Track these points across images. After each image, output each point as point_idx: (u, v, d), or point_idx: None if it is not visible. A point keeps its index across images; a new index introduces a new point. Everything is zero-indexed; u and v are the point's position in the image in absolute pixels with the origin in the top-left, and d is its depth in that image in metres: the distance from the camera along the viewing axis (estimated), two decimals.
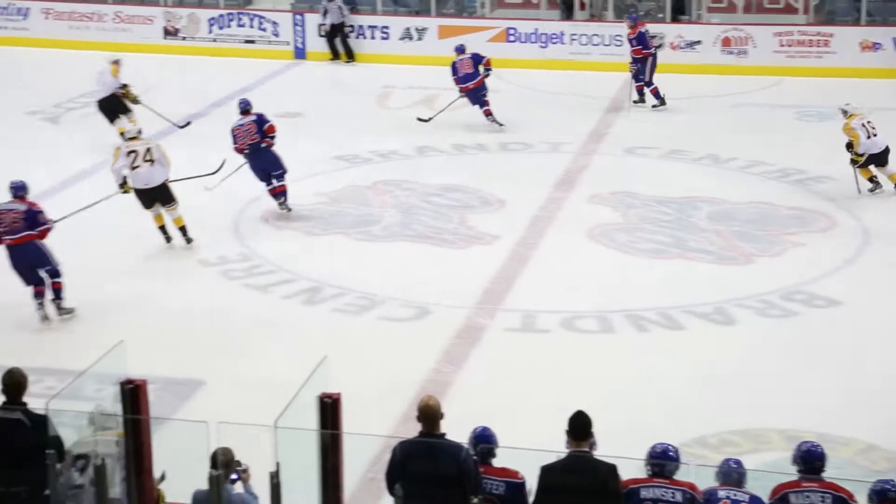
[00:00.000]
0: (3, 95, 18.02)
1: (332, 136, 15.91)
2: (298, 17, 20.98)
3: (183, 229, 11.90)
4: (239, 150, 12.71)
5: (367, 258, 11.90)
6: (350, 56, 20.48)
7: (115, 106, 15.39)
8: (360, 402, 6.33)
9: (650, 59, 17.10)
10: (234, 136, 12.69)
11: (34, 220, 10.08)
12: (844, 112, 13.39)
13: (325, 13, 20.32)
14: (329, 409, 5.27)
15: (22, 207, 10.09)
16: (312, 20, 20.69)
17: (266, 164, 12.66)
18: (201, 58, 20.72)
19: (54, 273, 10.19)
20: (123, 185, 11.75)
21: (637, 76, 17.24)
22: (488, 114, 16.11)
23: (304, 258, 11.75)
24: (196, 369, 9.18)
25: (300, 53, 20.94)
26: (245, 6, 21.63)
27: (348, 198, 13.57)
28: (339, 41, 20.48)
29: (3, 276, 10.21)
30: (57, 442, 5.64)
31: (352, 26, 20.60)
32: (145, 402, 5.53)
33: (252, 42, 20.89)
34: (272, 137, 12.67)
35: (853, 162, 13.21)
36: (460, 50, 16.33)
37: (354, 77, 19.68)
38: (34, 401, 6.01)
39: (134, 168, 11.66)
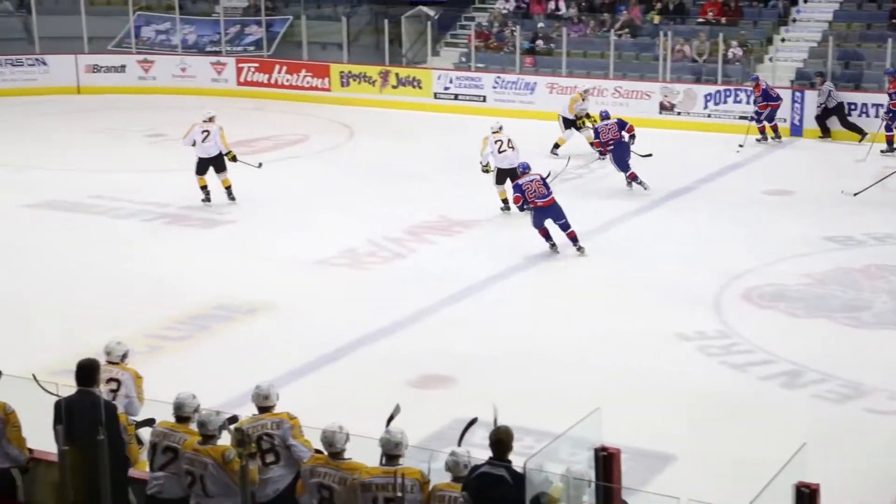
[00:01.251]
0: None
1: (823, 215, 15.41)
2: (798, 93, 20.73)
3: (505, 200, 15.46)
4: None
5: (854, 345, 11.32)
6: (861, 134, 19.86)
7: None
8: (840, 497, 6.00)
9: None
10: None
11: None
12: None
13: (824, 94, 20.12)
14: (807, 501, 5.04)
15: (536, 177, 13.98)
16: (811, 97, 20.54)
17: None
18: (694, 133, 20.95)
19: (565, 226, 13.81)
20: (486, 167, 15.73)
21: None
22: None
23: (785, 340, 11.39)
24: (668, 443, 9.16)
25: (796, 130, 20.66)
26: (742, 83, 21.60)
27: (837, 280, 13.03)
28: (834, 120, 20.08)
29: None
30: (537, 501, 5.81)
31: (852, 104, 20.13)
32: (618, 470, 5.58)
33: (745, 119, 20.75)
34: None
35: None
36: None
37: (847, 156, 18.98)
38: (514, 458, 6.26)
39: (501, 152, 15.54)
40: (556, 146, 19.50)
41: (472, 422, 6.91)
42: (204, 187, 16.18)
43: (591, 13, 25.03)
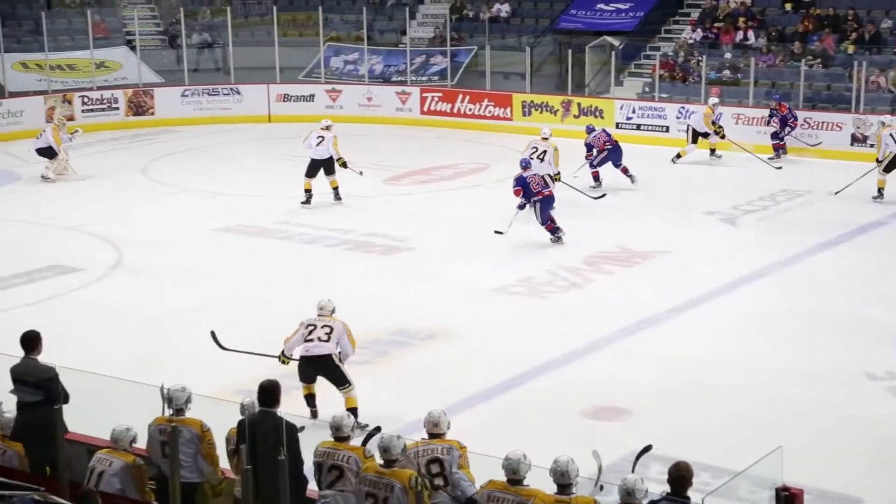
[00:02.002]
0: (692, 195, 18.91)
1: None
2: None
3: None
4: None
5: None
6: None
7: None
8: None
9: None
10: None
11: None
12: None
13: None
14: None
15: (537, 172, 15.53)
16: None
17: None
18: None
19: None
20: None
21: None
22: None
23: None
24: (854, 485, 8.79)
25: None
26: None
27: None
28: None
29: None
30: None
31: None
32: None
33: None
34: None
35: None
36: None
37: None
38: (691, 494, 6.11)
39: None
40: (678, 156, 21.11)
41: (647, 448, 6.80)
42: (308, 191, 17.87)
43: (781, 43, 24.46)
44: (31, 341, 8.35)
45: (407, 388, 10.90)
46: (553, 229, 15.62)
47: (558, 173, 17.40)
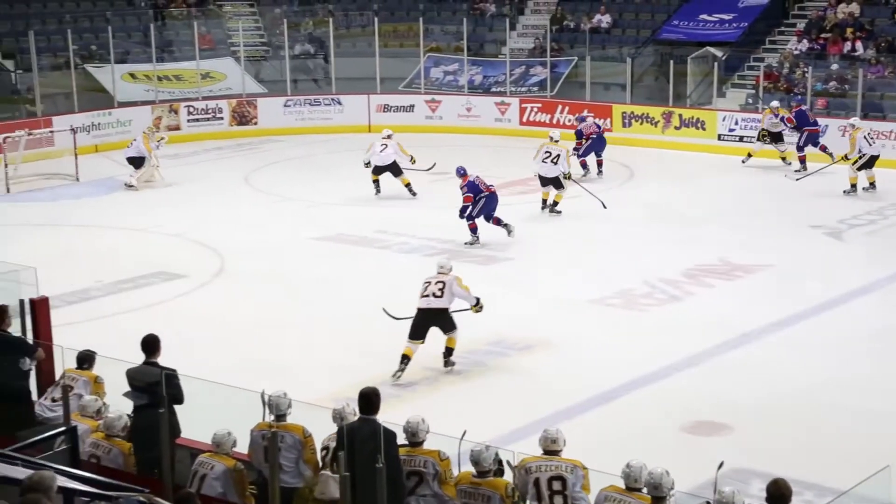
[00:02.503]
0: (794, 207, 18.59)
1: None
2: None
3: None
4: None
5: None
6: None
7: None
8: None
9: None
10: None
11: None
12: None
13: None
14: None
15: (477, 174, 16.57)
16: None
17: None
18: None
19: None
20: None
21: None
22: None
23: None
24: None
25: None
26: None
27: None
28: None
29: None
30: None
31: None
32: None
33: None
34: None
35: None
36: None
37: None
38: None
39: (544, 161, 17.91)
40: (749, 155, 21.69)
41: (720, 466, 6.75)
42: (376, 181, 19.67)
43: (891, 54, 23.91)
44: (149, 345, 8.56)
45: (503, 398, 10.89)
46: (497, 222, 16.53)
47: (569, 173, 18.20)
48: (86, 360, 9.33)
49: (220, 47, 29.06)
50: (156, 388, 8.14)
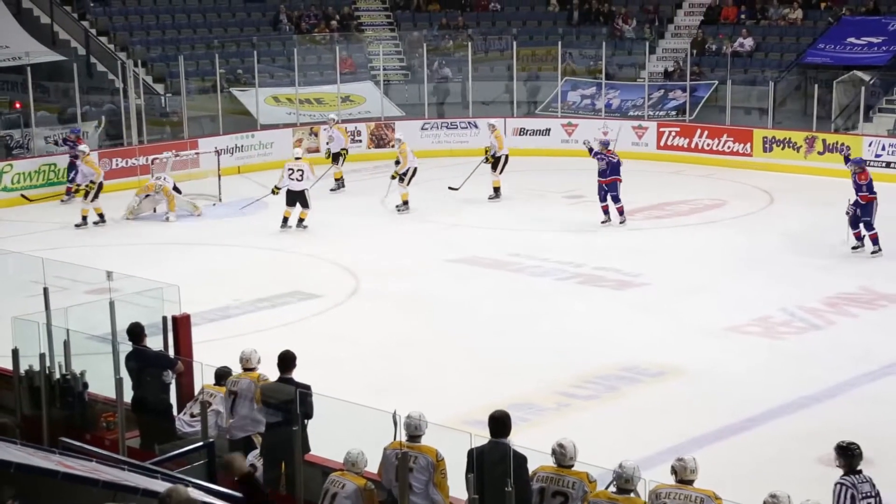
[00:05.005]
0: None
1: None
2: None
3: None
4: None
5: None
6: None
7: None
8: None
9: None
10: None
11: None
12: None
13: None
14: None
15: None
16: None
17: None
18: None
19: None
20: None
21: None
22: None
23: None
24: None
25: None
26: None
27: None
28: None
29: None
30: None
31: None
32: None
33: None
34: None
35: None
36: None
37: None
38: None
39: None
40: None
41: None
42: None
43: None
44: (285, 360, 8.74)
45: (634, 424, 10.77)
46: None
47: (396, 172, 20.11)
48: (224, 376, 9.55)
49: (361, 71, 29.55)
50: (290, 406, 8.30)
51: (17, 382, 9.61)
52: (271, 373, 8.87)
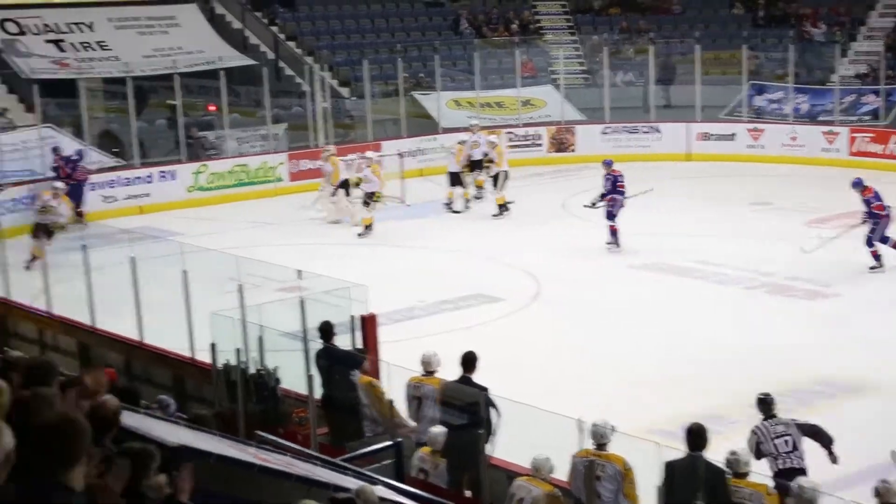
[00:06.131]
0: None
1: None
2: None
3: None
4: None
5: None
6: None
7: None
8: None
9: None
10: None
11: None
12: None
13: None
14: None
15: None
16: None
17: None
18: None
19: None
20: None
21: None
22: None
23: None
24: None
25: None
26: None
27: None
28: None
29: None
30: None
31: None
32: None
33: None
34: None
35: None
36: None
37: None
38: None
39: None
40: None
41: None
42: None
43: None
44: (468, 361, 8.83)
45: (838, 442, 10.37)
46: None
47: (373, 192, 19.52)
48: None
49: (541, 75, 29.50)
50: (475, 409, 8.30)
51: (216, 376, 9.91)
52: (451, 377, 8.88)
